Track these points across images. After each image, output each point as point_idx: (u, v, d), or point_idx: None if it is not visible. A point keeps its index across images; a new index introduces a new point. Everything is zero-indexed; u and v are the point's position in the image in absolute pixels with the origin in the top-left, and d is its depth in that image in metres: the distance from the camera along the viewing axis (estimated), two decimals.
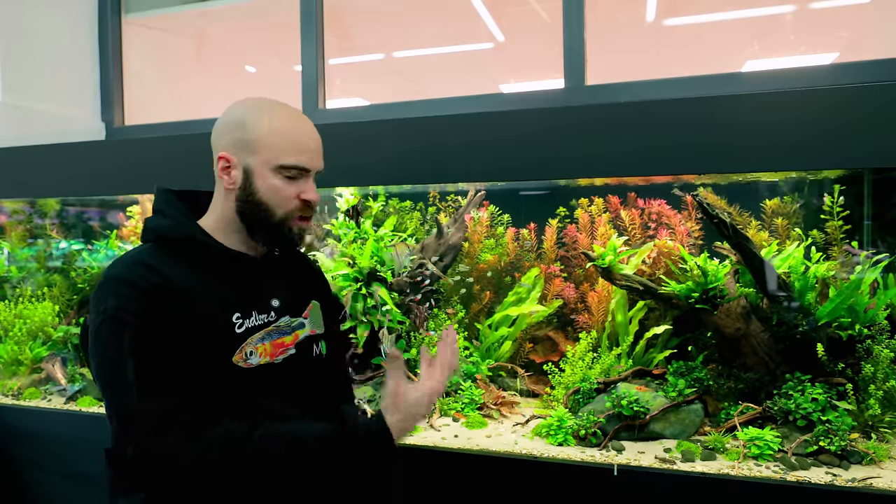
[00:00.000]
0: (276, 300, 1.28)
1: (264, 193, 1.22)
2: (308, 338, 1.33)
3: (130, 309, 1.09)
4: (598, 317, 2.37)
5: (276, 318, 1.26)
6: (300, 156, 1.21)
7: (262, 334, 1.22)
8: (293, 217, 1.24)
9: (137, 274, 1.13)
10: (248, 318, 1.21)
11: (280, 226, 1.23)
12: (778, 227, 2.24)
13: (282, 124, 1.23)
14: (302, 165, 1.22)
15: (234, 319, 1.18)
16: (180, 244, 1.21)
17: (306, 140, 1.23)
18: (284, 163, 1.20)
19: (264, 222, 1.23)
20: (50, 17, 3.32)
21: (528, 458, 1.77)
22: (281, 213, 1.22)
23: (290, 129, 1.23)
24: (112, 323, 1.09)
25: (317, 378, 1.34)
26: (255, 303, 1.24)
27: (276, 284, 1.31)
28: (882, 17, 2.74)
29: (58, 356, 2.67)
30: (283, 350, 1.26)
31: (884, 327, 1.87)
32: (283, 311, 1.29)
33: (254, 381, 1.19)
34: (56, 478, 2.34)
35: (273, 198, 1.22)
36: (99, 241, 3.06)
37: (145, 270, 1.13)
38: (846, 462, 1.67)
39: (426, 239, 2.60)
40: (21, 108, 3.12)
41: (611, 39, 3.02)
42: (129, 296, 1.10)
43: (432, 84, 3.69)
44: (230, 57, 3.98)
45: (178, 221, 1.24)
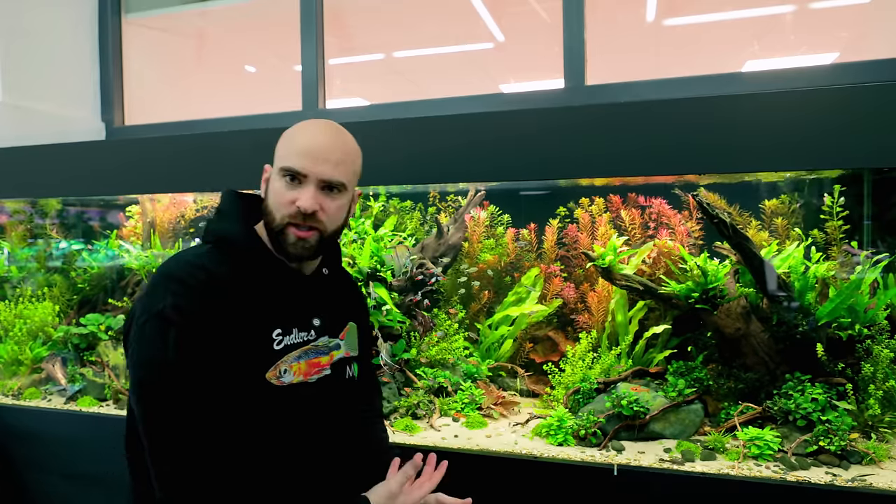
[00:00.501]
0: (317, 319, 1.27)
1: (270, 196, 1.21)
2: (342, 360, 1.32)
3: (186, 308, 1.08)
4: (598, 317, 2.37)
5: (316, 338, 1.25)
6: (297, 159, 1.17)
7: (300, 353, 1.21)
8: (287, 223, 1.19)
9: (191, 274, 1.12)
10: (288, 335, 1.20)
11: (279, 233, 1.19)
12: (778, 227, 2.24)
13: (296, 130, 1.23)
14: (296, 169, 1.16)
15: (273, 335, 1.17)
16: (237, 250, 1.20)
17: (309, 145, 1.19)
18: (283, 165, 1.19)
19: (269, 229, 1.21)
20: (50, 17, 3.32)
21: (528, 458, 1.77)
22: (278, 219, 1.19)
23: (298, 135, 1.22)
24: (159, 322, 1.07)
25: (346, 401, 1.33)
26: (298, 320, 1.23)
27: (319, 303, 1.29)
28: (882, 17, 2.74)
29: (58, 356, 2.66)
30: (319, 370, 1.24)
31: (884, 327, 1.86)
32: (323, 330, 1.27)
33: (284, 400, 1.17)
34: (56, 478, 2.34)
35: (273, 201, 1.20)
36: (99, 241, 3.06)
37: (199, 271, 1.12)
38: (846, 462, 1.67)
39: (426, 239, 2.60)
40: (21, 108, 3.13)
41: (611, 39, 3.02)
42: (184, 295, 1.09)
43: (432, 84, 3.69)
44: (230, 57, 3.98)
45: (238, 227, 1.23)
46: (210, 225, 1.25)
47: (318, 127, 1.23)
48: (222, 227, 1.23)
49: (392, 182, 2.34)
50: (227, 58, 3.99)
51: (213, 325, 1.09)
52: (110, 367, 2.52)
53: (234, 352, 1.11)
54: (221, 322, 1.10)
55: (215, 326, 1.10)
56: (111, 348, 2.61)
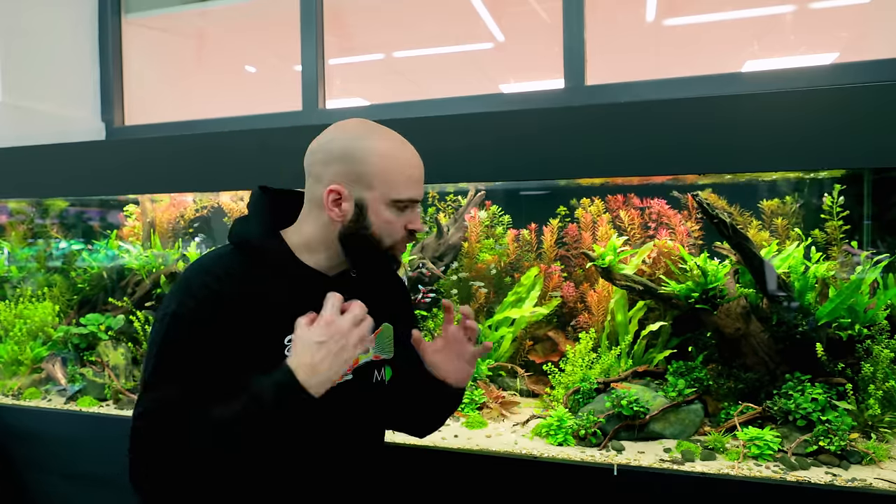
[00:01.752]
0: None
1: (377, 227, 1.20)
2: (369, 363, 1.29)
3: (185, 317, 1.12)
4: (597, 317, 2.37)
5: None
6: (412, 189, 1.21)
7: None
8: (398, 245, 1.24)
9: (203, 282, 1.15)
10: None
11: (385, 254, 1.23)
12: (778, 227, 2.24)
13: (394, 158, 1.20)
14: (415, 198, 1.22)
15: (285, 342, 1.16)
16: (262, 255, 1.21)
17: (417, 170, 1.23)
18: (399, 197, 1.19)
19: (370, 251, 1.23)
20: (50, 17, 3.32)
21: (528, 458, 1.77)
22: (388, 243, 1.22)
23: (402, 163, 1.21)
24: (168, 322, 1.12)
25: (371, 405, 1.30)
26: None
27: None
28: (882, 17, 2.74)
29: (58, 356, 2.67)
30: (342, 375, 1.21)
31: (884, 327, 1.86)
32: None
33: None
34: (56, 478, 2.34)
35: (384, 230, 1.21)
36: (99, 241, 3.06)
37: (210, 278, 1.15)
38: (846, 462, 1.67)
39: (426, 239, 2.60)
40: (21, 108, 3.13)
41: (611, 39, 3.02)
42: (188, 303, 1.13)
43: (432, 84, 3.69)
44: (230, 57, 3.98)
45: (264, 232, 1.23)
46: (234, 226, 1.26)
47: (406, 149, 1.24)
48: (243, 230, 1.24)
49: None
50: (227, 58, 3.99)
51: (217, 332, 1.12)
52: (110, 367, 2.52)
53: (241, 357, 1.12)
54: (227, 329, 1.12)
55: (220, 333, 1.12)
56: (111, 348, 2.61)
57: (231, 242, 1.25)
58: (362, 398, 1.28)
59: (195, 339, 1.11)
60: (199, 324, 1.12)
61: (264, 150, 2.16)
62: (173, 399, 1.09)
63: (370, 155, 1.18)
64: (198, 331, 1.12)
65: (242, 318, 1.14)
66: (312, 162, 1.22)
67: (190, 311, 1.12)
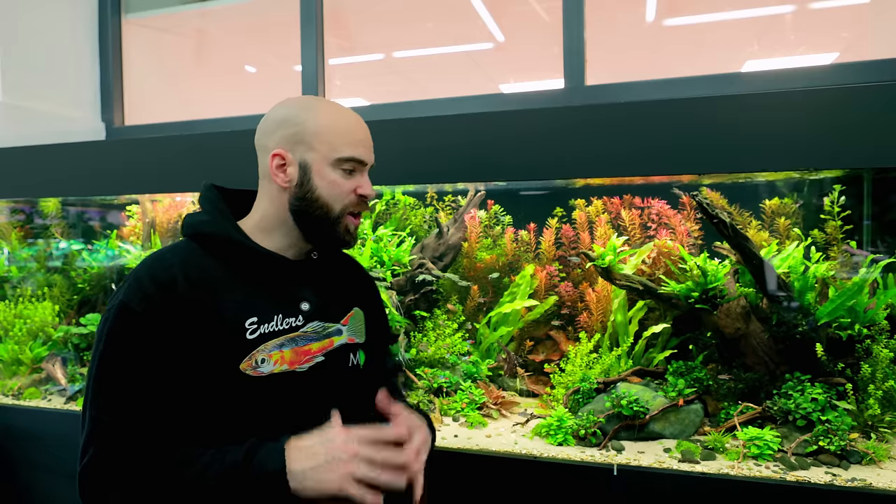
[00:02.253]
0: (306, 304, 1.22)
1: (323, 189, 1.19)
2: (344, 346, 1.26)
3: (132, 310, 1.09)
4: (597, 317, 2.37)
5: (304, 323, 1.20)
6: (357, 148, 1.20)
7: (283, 340, 1.16)
8: (348, 213, 1.22)
9: (151, 275, 1.12)
10: (266, 323, 1.16)
11: (336, 223, 1.21)
12: (778, 226, 2.24)
13: (337, 117, 1.21)
14: (360, 157, 1.20)
15: (246, 325, 1.14)
16: (215, 241, 1.20)
17: (362, 133, 1.22)
18: (343, 155, 1.18)
19: (321, 220, 1.21)
20: (50, 18, 3.32)
21: (528, 458, 1.77)
22: (338, 209, 1.20)
23: (345, 122, 1.21)
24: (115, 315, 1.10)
25: (349, 390, 1.26)
26: (281, 306, 1.19)
27: (311, 287, 1.25)
28: (882, 17, 2.74)
29: (58, 356, 2.67)
30: (310, 358, 1.19)
31: (883, 327, 1.87)
32: (314, 315, 1.22)
33: (269, 391, 1.14)
34: (56, 478, 2.34)
35: (331, 193, 1.19)
36: (99, 241, 3.06)
37: (161, 271, 1.13)
38: (846, 462, 1.67)
39: (426, 239, 2.60)
40: (21, 108, 3.13)
41: (611, 39, 3.02)
42: (135, 297, 1.10)
43: (432, 84, 3.69)
44: (230, 57, 3.98)
45: (214, 218, 1.22)
46: (185, 218, 1.25)
47: (351, 112, 1.24)
48: (195, 219, 1.23)
49: (392, 182, 2.33)
50: (227, 58, 3.99)
51: (166, 321, 1.09)
52: None
53: (201, 346, 1.10)
54: (179, 317, 1.10)
55: (170, 322, 1.09)
56: None
57: (184, 236, 1.24)
58: (337, 383, 1.24)
59: (144, 331, 1.08)
60: (148, 314, 1.08)
61: None
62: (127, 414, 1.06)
63: (311, 117, 1.19)
64: (146, 322, 1.08)
65: (196, 307, 1.11)
66: (258, 136, 1.25)
67: (138, 301, 1.09)
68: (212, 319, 1.12)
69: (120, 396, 1.07)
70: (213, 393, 1.11)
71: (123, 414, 1.06)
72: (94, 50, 3.54)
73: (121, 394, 1.07)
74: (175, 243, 1.22)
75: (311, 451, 1.02)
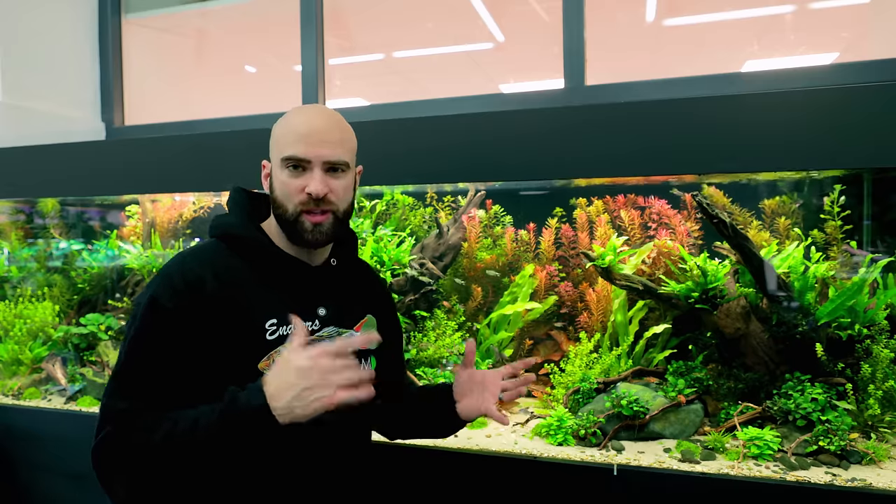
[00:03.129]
0: (322, 309, 1.26)
1: (277, 189, 1.23)
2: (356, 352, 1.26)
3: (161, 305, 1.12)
4: (597, 317, 2.37)
5: (320, 328, 1.24)
6: (296, 146, 1.19)
7: None
8: (300, 211, 1.21)
9: (181, 272, 1.16)
10: (285, 325, 1.19)
11: (294, 223, 1.21)
12: (778, 226, 2.24)
13: (289, 119, 1.24)
14: (297, 156, 1.19)
15: (267, 325, 1.17)
16: (242, 243, 1.24)
17: (305, 130, 1.20)
18: (284, 154, 1.20)
19: (283, 221, 1.23)
20: (50, 17, 3.32)
21: (528, 458, 1.77)
22: (291, 208, 1.21)
23: (292, 122, 1.23)
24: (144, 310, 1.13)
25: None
26: (300, 310, 1.21)
27: (328, 293, 1.28)
28: (882, 17, 2.74)
29: (58, 356, 2.67)
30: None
31: (883, 327, 1.87)
32: (330, 321, 1.26)
33: None
34: (56, 478, 2.34)
35: (283, 193, 1.21)
36: (99, 241, 3.06)
37: (190, 270, 1.16)
38: (846, 462, 1.67)
39: (426, 239, 2.60)
40: (21, 108, 3.12)
41: (611, 39, 3.02)
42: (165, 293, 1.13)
43: (432, 84, 3.69)
44: (230, 57, 3.98)
45: (241, 221, 1.26)
46: (214, 220, 1.29)
47: (311, 111, 1.26)
48: (223, 221, 1.27)
49: (391, 182, 2.34)
50: (227, 58, 3.99)
51: (193, 318, 1.12)
52: (110, 367, 2.52)
53: (223, 344, 1.13)
54: (206, 315, 1.13)
55: (197, 319, 1.13)
56: (111, 348, 2.61)
57: (212, 236, 1.27)
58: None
59: (171, 326, 1.12)
60: (177, 310, 1.12)
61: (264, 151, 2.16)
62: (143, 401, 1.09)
63: (276, 124, 1.25)
64: (175, 318, 1.12)
65: (223, 305, 1.15)
66: None
67: (168, 297, 1.13)
68: (236, 318, 1.16)
69: (139, 386, 1.10)
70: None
71: (139, 402, 1.09)
72: (94, 50, 3.54)
73: (140, 383, 1.11)
74: (204, 242, 1.27)
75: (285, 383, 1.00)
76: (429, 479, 1.83)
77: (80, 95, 3.45)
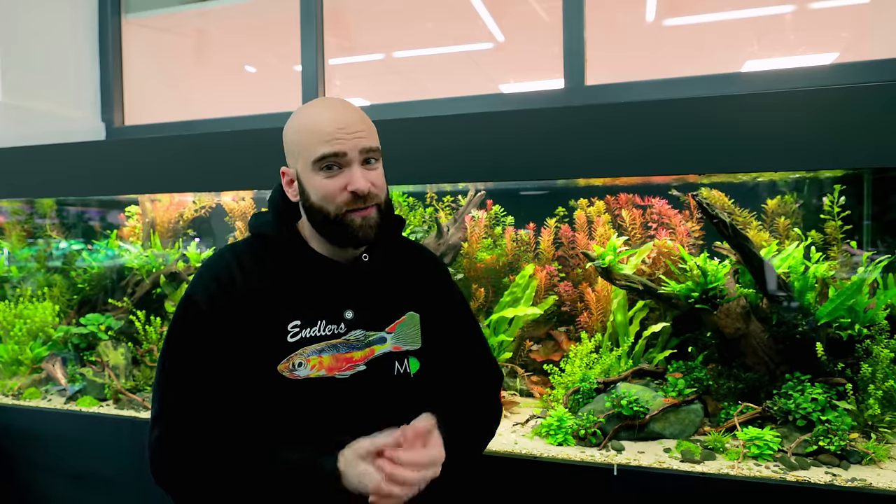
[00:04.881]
0: (350, 311, 1.21)
1: (314, 195, 1.17)
2: (388, 355, 1.23)
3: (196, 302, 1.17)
4: (597, 317, 2.37)
5: (347, 331, 1.20)
6: (330, 144, 1.14)
7: (324, 346, 1.17)
8: (347, 211, 1.16)
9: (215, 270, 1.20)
10: (309, 328, 1.17)
11: (340, 224, 1.17)
12: (778, 226, 2.24)
13: (306, 119, 1.19)
14: (332, 152, 1.14)
15: (289, 327, 1.16)
16: (274, 243, 1.24)
17: (331, 125, 1.15)
18: (317, 155, 1.15)
19: (327, 224, 1.18)
20: (50, 17, 3.32)
21: (528, 458, 1.77)
22: (334, 210, 1.16)
23: (313, 121, 1.17)
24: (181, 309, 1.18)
25: (394, 398, 1.23)
26: (326, 312, 1.19)
27: (359, 294, 1.23)
28: (882, 17, 2.74)
29: (58, 356, 2.66)
30: (351, 366, 1.19)
31: (883, 327, 1.86)
32: (357, 323, 1.21)
33: (304, 394, 1.15)
34: (56, 478, 2.34)
35: (322, 196, 1.16)
36: (99, 241, 3.06)
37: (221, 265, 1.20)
38: (846, 462, 1.67)
39: (426, 239, 2.60)
40: (21, 108, 3.12)
41: (611, 39, 3.02)
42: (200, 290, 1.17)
43: (432, 84, 3.69)
44: (230, 57, 3.98)
45: (275, 221, 1.26)
46: (251, 219, 1.31)
47: (331, 105, 1.20)
48: (259, 220, 1.29)
49: (391, 182, 2.32)
50: (227, 58, 3.99)
51: (226, 316, 1.16)
52: (110, 367, 2.53)
53: (247, 344, 1.15)
54: (235, 314, 1.16)
55: (229, 318, 1.16)
56: (111, 348, 2.61)
57: (251, 234, 1.30)
58: (380, 392, 1.22)
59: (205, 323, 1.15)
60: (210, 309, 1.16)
61: (264, 150, 2.16)
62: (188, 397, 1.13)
63: (291, 126, 1.23)
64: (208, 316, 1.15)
65: (252, 305, 1.17)
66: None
67: (201, 296, 1.17)
68: (261, 319, 1.17)
69: (182, 381, 1.14)
70: (253, 390, 1.16)
71: (185, 397, 1.13)
72: (94, 50, 3.54)
73: (183, 379, 1.14)
74: (239, 241, 1.29)
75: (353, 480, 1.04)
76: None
77: (80, 95, 3.45)
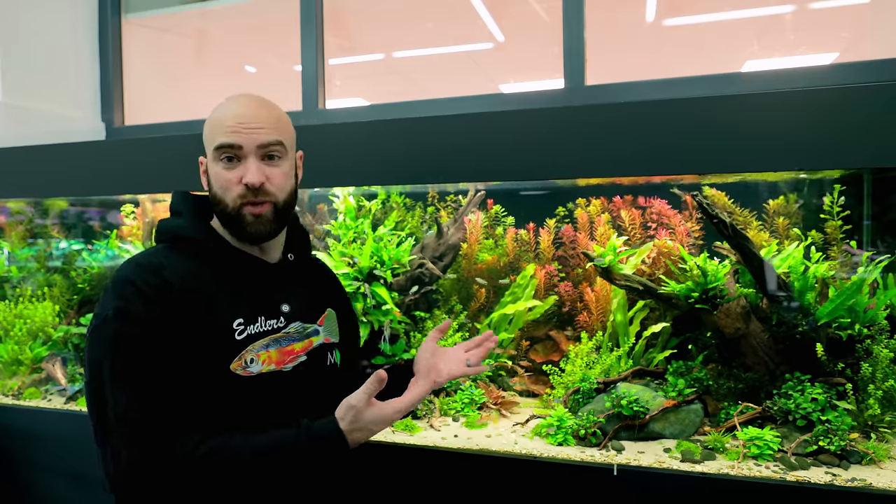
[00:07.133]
0: (286, 305, 1.25)
1: (215, 184, 1.20)
2: (322, 346, 1.30)
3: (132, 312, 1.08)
4: (597, 316, 2.37)
5: (286, 324, 1.23)
6: (224, 135, 1.16)
7: (268, 341, 1.19)
8: (240, 205, 1.18)
9: (142, 277, 1.11)
10: (252, 325, 1.18)
11: (236, 217, 1.18)
12: (778, 226, 2.24)
13: (216, 112, 1.22)
14: (227, 143, 1.15)
15: (234, 326, 1.16)
16: (194, 245, 1.20)
17: (232, 119, 1.16)
18: (216, 145, 1.17)
19: (224, 216, 1.20)
20: (50, 17, 3.32)
21: (528, 458, 1.77)
22: (230, 202, 1.18)
23: (220, 114, 1.20)
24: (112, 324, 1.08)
25: (329, 387, 1.30)
26: (264, 308, 1.21)
27: (289, 290, 1.28)
28: (882, 17, 2.74)
29: (58, 356, 2.67)
30: (293, 358, 1.23)
31: (883, 327, 1.86)
32: (294, 316, 1.26)
33: (257, 390, 1.16)
34: (56, 478, 2.34)
35: (219, 186, 1.19)
36: (99, 241, 3.06)
37: (151, 274, 1.12)
38: (846, 462, 1.67)
39: (426, 239, 2.60)
40: (21, 108, 3.12)
41: (611, 39, 3.02)
42: (131, 299, 1.08)
43: (432, 84, 3.70)
44: (230, 57, 3.98)
45: (191, 222, 1.23)
46: (159, 226, 1.25)
47: (240, 98, 1.22)
48: (173, 225, 1.24)
49: (391, 182, 2.33)
50: (227, 58, 3.99)
51: (163, 324, 1.09)
52: None
53: (193, 347, 1.10)
54: (173, 320, 1.10)
55: (166, 325, 1.09)
56: None
57: (162, 241, 1.23)
58: (318, 382, 1.29)
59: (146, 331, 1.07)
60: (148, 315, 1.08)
61: None
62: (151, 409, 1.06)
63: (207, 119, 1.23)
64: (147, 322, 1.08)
65: (190, 308, 1.12)
66: None
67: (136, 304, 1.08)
68: (204, 320, 1.13)
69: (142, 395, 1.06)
70: (207, 392, 1.12)
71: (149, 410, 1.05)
72: (94, 50, 3.54)
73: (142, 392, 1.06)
74: (151, 248, 1.22)
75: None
76: (429, 479, 1.83)
77: (80, 95, 3.45)
